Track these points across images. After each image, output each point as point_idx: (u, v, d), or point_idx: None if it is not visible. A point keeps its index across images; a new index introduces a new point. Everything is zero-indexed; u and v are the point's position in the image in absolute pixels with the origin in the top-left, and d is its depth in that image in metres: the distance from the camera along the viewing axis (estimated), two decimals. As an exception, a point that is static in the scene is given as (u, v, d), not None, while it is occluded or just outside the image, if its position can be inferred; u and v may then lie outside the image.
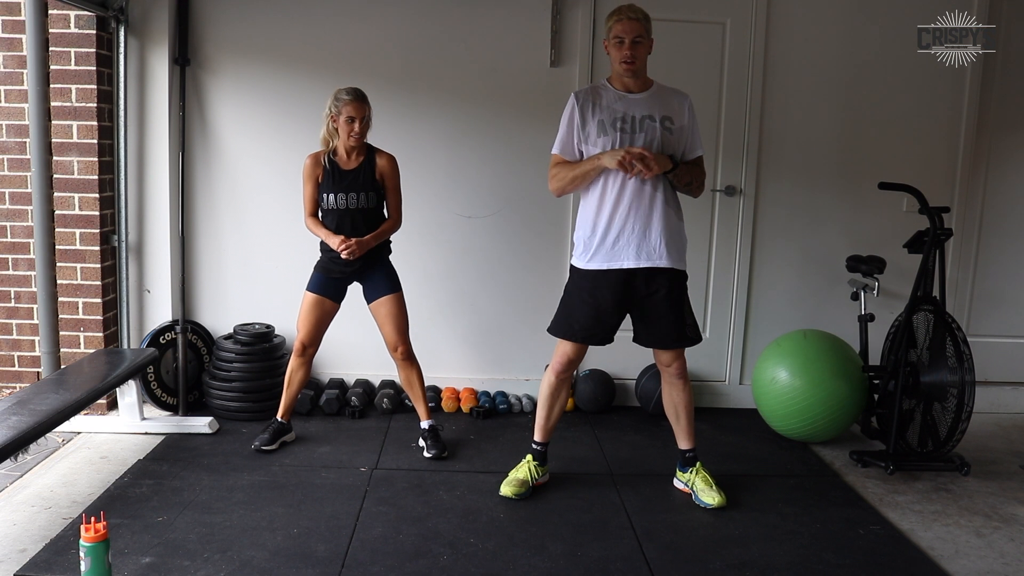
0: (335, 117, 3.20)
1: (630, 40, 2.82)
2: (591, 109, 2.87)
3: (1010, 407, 4.22)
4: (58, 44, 3.55)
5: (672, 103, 2.91)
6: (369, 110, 3.21)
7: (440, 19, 3.87)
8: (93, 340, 3.70)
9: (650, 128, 2.84)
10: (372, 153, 3.29)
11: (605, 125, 2.85)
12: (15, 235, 3.88)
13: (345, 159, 3.26)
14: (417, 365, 3.41)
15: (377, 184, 3.28)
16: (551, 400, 3.04)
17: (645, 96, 2.90)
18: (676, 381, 3.01)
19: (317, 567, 2.45)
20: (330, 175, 3.25)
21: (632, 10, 2.86)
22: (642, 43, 2.85)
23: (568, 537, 2.71)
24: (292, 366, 3.39)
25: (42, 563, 2.43)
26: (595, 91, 2.93)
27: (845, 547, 2.70)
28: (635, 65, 2.85)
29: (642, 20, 2.85)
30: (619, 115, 2.85)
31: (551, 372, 3.00)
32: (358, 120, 3.17)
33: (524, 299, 4.02)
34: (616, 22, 2.86)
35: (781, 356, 3.60)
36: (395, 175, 3.33)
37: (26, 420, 2.56)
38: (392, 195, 3.34)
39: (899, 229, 3.82)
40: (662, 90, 2.94)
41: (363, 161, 3.27)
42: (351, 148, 3.25)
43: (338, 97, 3.19)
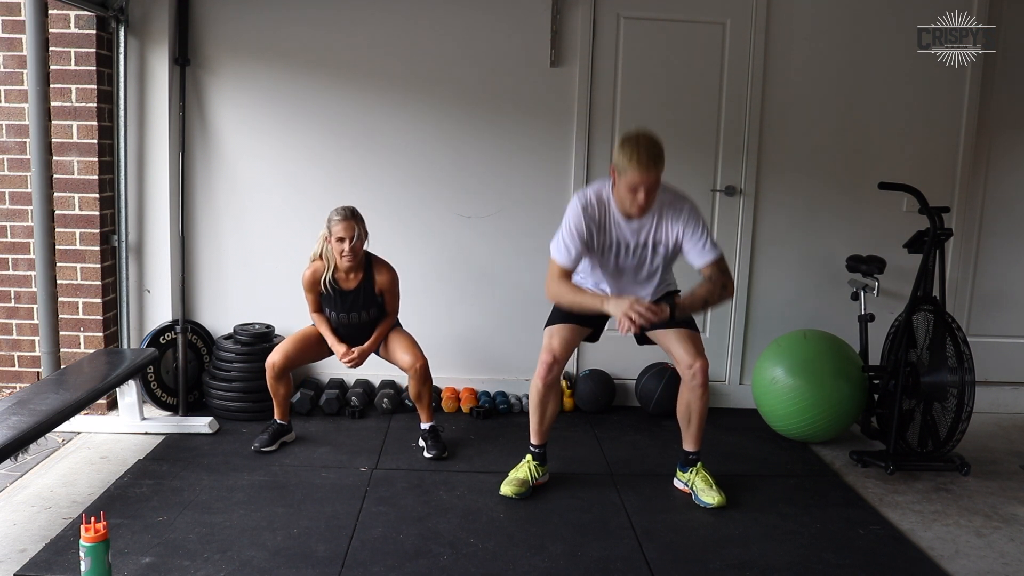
0: (329, 238, 3.21)
1: (646, 190, 2.70)
2: (595, 229, 2.85)
3: (1010, 407, 4.22)
4: (58, 44, 3.55)
5: (670, 223, 2.83)
6: (359, 228, 3.20)
7: (440, 19, 3.87)
8: (93, 340, 3.70)
9: (642, 253, 2.89)
10: (371, 268, 3.30)
11: (605, 247, 2.88)
12: (15, 235, 3.88)
13: (344, 278, 3.28)
14: (431, 381, 3.38)
15: (377, 299, 3.33)
16: (541, 407, 3.03)
17: (644, 222, 2.84)
18: (697, 388, 2.94)
19: (317, 567, 2.45)
20: (331, 296, 3.30)
21: (651, 154, 2.67)
22: (656, 188, 2.74)
23: (568, 537, 2.71)
24: (271, 383, 3.33)
25: (42, 563, 2.43)
26: (600, 205, 2.83)
27: (845, 547, 2.70)
28: (647, 210, 2.79)
29: (660, 166, 2.69)
30: (615, 239, 2.87)
31: (536, 379, 2.98)
32: (348, 240, 3.16)
33: (524, 299, 4.01)
34: (632, 166, 2.66)
35: (781, 356, 3.60)
36: (394, 288, 3.35)
37: (26, 420, 2.56)
38: (391, 300, 3.38)
39: (899, 229, 3.82)
40: (663, 208, 2.82)
41: (362, 279, 3.29)
42: (347, 268, 3.25)
43: (330, 218, 3.20)
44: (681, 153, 3.88)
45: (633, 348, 3.20)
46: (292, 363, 3.34)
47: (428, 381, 3.37)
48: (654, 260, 2.91)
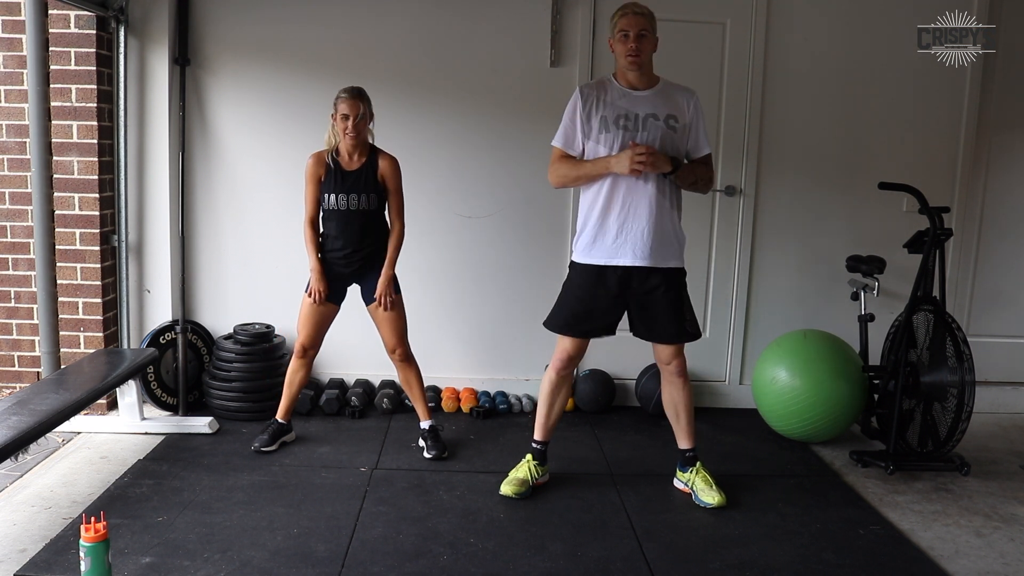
0: (334, 116, 3.21)
1: (635, 33, 2.82)
2: (595, 104, 2.87)
3: (1010, 407, 4.22)
4: (58, 44, 3.55)
5: (678, 100, 2.90)
6: (365, 107, 3.19)
7: (440, 19, 3.87)
8: (93, 340, 3.70)
9: (653, 126, 2.84)
10: (375, 155, 3.28)
11: (608, 122, 2.84)
12: (15, 235, 3.88)
13: (347, 160, 3.25)
14: (415, 366, 3.41)
15: (379, 186, 3.27)
16: (551, 398, 3.04)
17: (650, 93, 2.89)
18: (676, 379, 3.01)
19: (317, 567, 2.45)
20: (332, 175, 3.24)
21: (637, 6, 2.87)
22: (647, 37, 2.85)
23: (568, 537, 2.71)
24: (293, 367, 3.39)
25: (42, 563, 2.43)
26: (600, 86, 2.93)
27: (845, 547, 2.70)
28: (640, 58, 2.84)
29: (647, 16, 2.86)
30: (622, 112, 2.85)
31: (551, 370, 3.01)
32: (352, 117, 3.15)
33: (524, 299, 4.01)
34: (621, 17, 2.86)
35: (781, 356, 3.60)
36: (397, 177, 3.31)
37: (26, 420, 2.56)
38: (394, 197, 3.32)
39: (899, 229, 3.81)
40: (668, 87, 2.93)
41: (365, 162, 3.26)
42: (350, 147, 3.23)
43: (337, 96, 3.20)
44: (681, 153, 3.88)
45: (633, 348, 3.20)
46: (317, 340, 3.35)
47: (413, 366, 3.39)
48: (668, 139, 2.84)
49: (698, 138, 2.93)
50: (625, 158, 2.75)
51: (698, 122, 2.92)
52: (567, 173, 2.90)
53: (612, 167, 2.79)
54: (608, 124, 2.84)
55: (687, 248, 3.00)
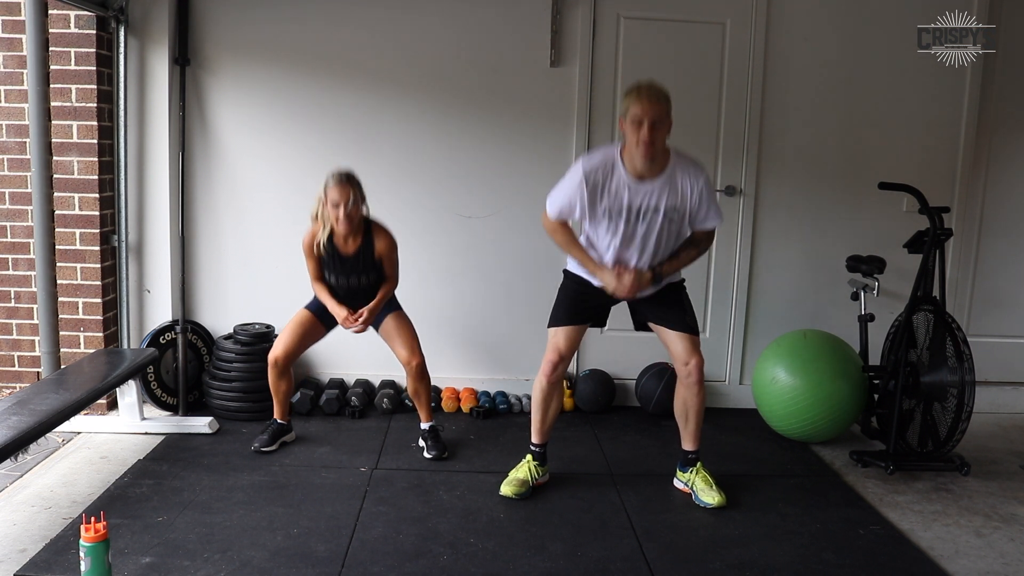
0: (324, 201, 3.17)
1: (650, 123, 2.65)
2: (600, 192, 2.78)
3: (1010, 407, 4.22)
4: (58, 44, 3.55)
5: (683, 188, 2.79)
6: (355, 192, 3.15)
7: (440, 19, 3.87)
8: (93, 340, 3.70)
9: (652, 220, 2.81)
10: (370, 234, 3.26)
11: (611, 212, 2.81)
12: (15, 235, 3.88)
13: (343, 243, 3.24)
14: (428, 378, 3.39)
15: (377, 264, 3.29)
16: (544, 404, 3.04)
17: (656, 184, 2.77)
18: (693, 385, 2.96)
19: (317, 567, 2.45)
20: (329, 259, 3.26)
21: (653, 91, 2.68)
22: (662, 126, 2.68)
23: (568, 537, 2.71)
24: (272, 379, 3.33)
25: (42, 563, 2.43)
26: (606, 169, 2.78)
27: (845, 547, 2.70)
28: (653, 150, 2.69)
29: (664, 102, 2.68)
30: (625, 204, 2.79)
31: (541, 376, 3.00)
32: (343, 205, 3.11)
33: (524, 299, 4.01)
34: (635, 102, 2.67)
35: (781, 356, 3.60)
36: (393, 254, 3.31)
37: (26, 420, 2.56)
38: (390, 267, 3.34)
39: (899, 229, 3.81)
40: (676, 170, 2.79)
41: (361, 245, 3.24)
42: (344, 233, 3.20)
43: (326, 181, 3.16)
44: (681, 153, 3.88)
45: (633, 348, 3.20)
46: (294, 354, 3.32)
47: (425, 378, 3.36)
48: (664, 228, 2.83)
49: (707, 215, 2.84)
50: (612, 281, 2.86)
51: (705, 202, 2.82)
52: (562, 243, 2.95)
53: (596, 276, 2.90)
54: (611, 214, 2.81)
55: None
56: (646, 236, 2.83)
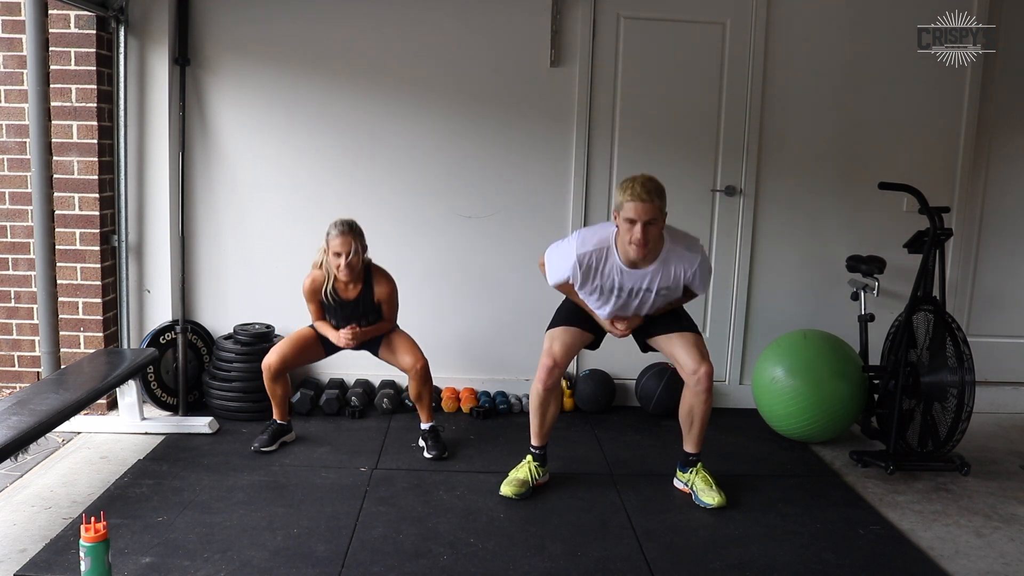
0: (326, 250, 3.22)
1: (643, 224, 2.67)
2: (592, 276, 2.85)
3: (1010, 407, 4.22)
4: (58, 44, 3.55)
5: (676, 273, 2.84)
6: (357, 243, 3.19)
7: (440, 19, 3.87)
8: (93, 340, 3.70)
9: (644, 297, 2.89)
10: (371, 278, 3.30)
11: (602, 289, 2.88)
12: (15, 235, 3.88)
13: (344, 288, 3.28)
14: (431, 381, 3.39)
15: (377, 308, 3.34)
16: (542, 410, 3.03)
17: (649, 271, 2.83)
18: (702, 393, 2.93)
19: (317, 567, 2.45)
20: (331, 306, 3.30)
21: (646, 189, 2.68)
22: (655, 224, 2.70)
23: (568, 537, 2.71)
24: (268, 385, 3.35)
25: (42, 563, 2.43)
26: (600, 255, 2.81)
27: (845, 547, 2.70)
28: (647, 248, 2.73)
29: (657, 200, 2.68)
30: (616, 285, 2.86)
31: (537, 382, 2.99)
32: (345, 255, 3.16)
33: (524, 299, 4.01)
34: (628, 200, 2.68)
35: (781, 356, 3.60)
36: (393, 299, 3.34)
37: (26, 420, 2.56)
38: (389, 311, 3.37)
39: (899, 229, 3.82)
40: (670, 256, 2.82)
41: (362, 290, 3.29)
42: (345, 280, 3.25)
43: (328, 231, 3.20)
44: (681, 153, 3.89)
45: (633, 348, 3.20)
46: (288, 365, 3.34)
47: (428, 381, 3.37)
48: (656, 302, 2.93)
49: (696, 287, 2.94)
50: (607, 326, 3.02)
51: (698, 280, 2.89)
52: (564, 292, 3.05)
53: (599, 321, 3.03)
54: (602, 291, 2.89)
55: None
56: (639, 308, 2.96)
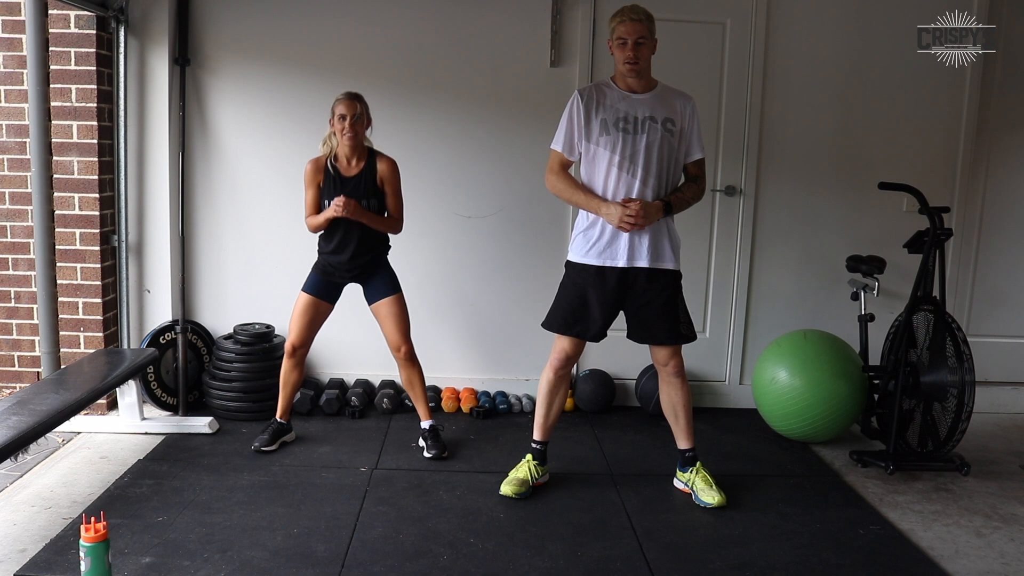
0: (332, 120, 3.22)
1: (633, 41, 2.83)
2: (594, 107, 2.88)
3: (1010, 407, 4.22)
4: (58, 44, 3.55)
5: (675, 105, 2.92)
6: (362, 108, 3.20)
7: (440, 19, 3.87)
8: (93, 340, 3.70)
9: (652, 129, 2.85)
10: (373, 158, 3.28)
11: (608, 124, 2.86)
12: (15, 235, 3.88)
13: (346, 164, 3.26)
14: (419, 365, 3.41)
15: (379, 190, 3.28)
16: (550, 397, 3.04)
17: (648, 97, 2.90)
18: (673, 380, 3.02)
19: (317, 567, 2.45)
20: (331, 181, 3.24)
21: (635, 11, 2.86)
22: (645, 44, 2.85)
23: (568, 537, 2.71)
24: (285, 368, 3.39)
25: (42, 563, 2.43)
26: (599, 89, 2.93)
27: (845, 547, 2.70)
28: (639, 66, 2.86)
29: (645, 21, 2.85)
30: (621, 115, 2.86)
31: (549, 369, 3.02)
32: (348, 116, 3.16)
33: (524, 299, 4.01)
34: (619, 23, 2.85)
35: (781, 356, 3.60)
36: (396, 179, 3.31)
37: (26, 420, 2.56)
38: (393, 199, 3.32)
39: (899, 229, 3.81)
40: (665, 91, 2.95)
41: (364, 167, 3.26)
42: (348, 150, 3.23)
43: (335, 100, 3.20)
44: (681, 153, 3.87)
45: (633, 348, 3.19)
46: (308, 338, 3.34)
47: (417, 366, 3.37)
48: (664, 143, 2.86)
49: (693, 142, 2.95)
50: (615, 213, 2.80)
51: (693, 127, 2.94)
52: (561, 190, 2.95)
53: (602, 214, 2.85)
54: (608, 127, 2.86)
55: (686, 248, 3.01)
56: (648, 152, 2.85)
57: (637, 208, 2.78)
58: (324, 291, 3.33)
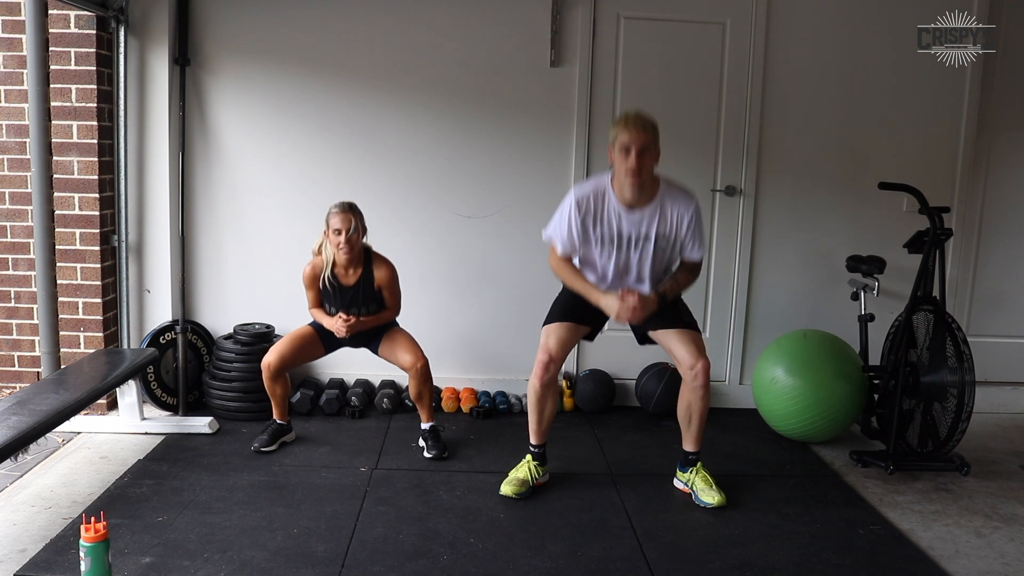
0: (327, 232, 3.23)
1: (637, 150, 2.73)
2: (592, 222, 2.87)
3: (1010, 407, 4.22)
4: (58, 44, 3.55)
5: (671, 218, 2.87)
6: (357, 220, 3.21)
7: (440, 19, 3.87)
8: (93, 340, 3.70)
9: (645, 248, 2.89)
10: (370, 264, 3.30)
11: (604, 240, 2.90)
12: (15, 235, 3.88)
13: (343, 273, 3.29)
14: (432, 381, 3.38)
15: (377, 295, 3.33)
16: (540, 405, 3.04)
17: (646, 213, 2.86)
18: (699, 389, 2.95)
19: (317, 567, 2.45)
20: (331, 292, 3.30)
21: (639, 120, 2.77)
22: (649, 153, 2.76)
23: (568, 537, 2.71)
24: (266, 382, 3.32)
25: (42, 563, 2.43)
26: (597, 199, 2.86)
27: (845, 547, 2.70)
28: (641, 178, 2.77)
29: (650, 130, 2.77)
30: (615, 232, 2.88)
31: (534, 379, 2.99)
32: (344, 232, 3.17)
33: (524, 299, 4.01)
34: (623, 130, 2.76)
35: (781, 356, 3.60)
36: (394, 283, 3.35)
37: (26, 420, 2.56)
38: (391, 299, 3.37)
39: (899, 229, 3.82)
40: (666, 199, 2.86)
41: (362, 275, 3.29)
42: (344, 261, 3.25)
43: (329, 211, 3.22)
44: (681, 153, 3.88)
45: (633, 348, 3.20)
46: (287, 364, 3.32)
47: (429, 381, 3.36)
48: (656, 255, 2.90)
49: (692, 246, 2.92)
50: (614, 307, 2.86)
51: (692, 232, 2.89)
52: (565, 278, 3.01)
53: (601, 306, 2.91)
54: (604, 242, 2.90)
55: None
56: (640, 265, 2.93)
57: (635, 302, 2.84)
58: (328, 334, 3.36)
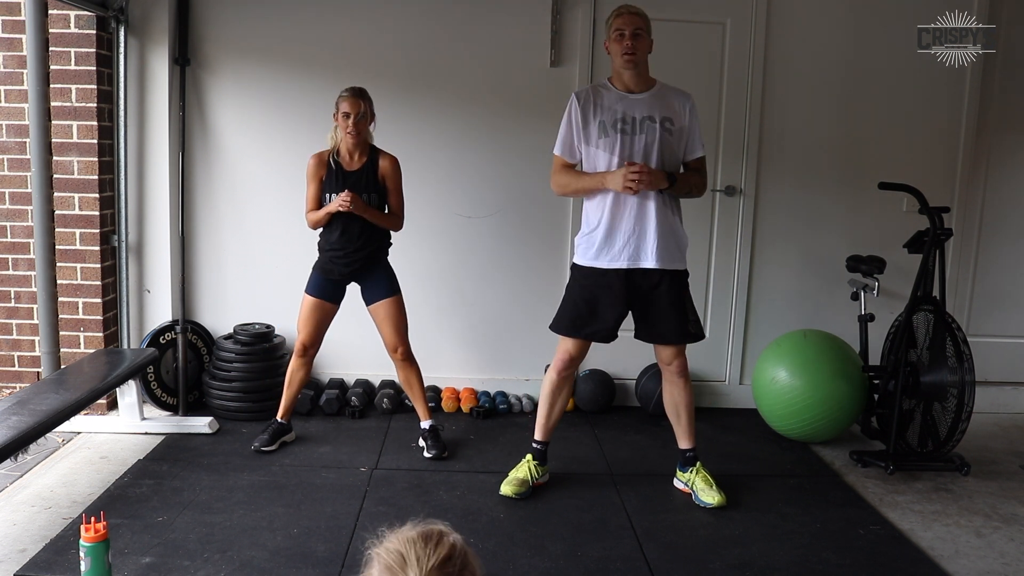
0: (336, 115, 3.23)
1: (630, 32, 2.84)
2: (592, 109, 2.89)
3: (1010, 407, 4.22)
4: (58, 44, 3.55)
5: (673, 104, 2.92)
6: (366, 106, 3.21)
7: (440, 19, 3.87)
8: (93, 340, 3.70)
9: (650, 129, 2.85)
10: (376, 154, 3.30)
11: (606, 126, 2.86)
12: (15, 235, 3.88)
13: (348, 160, 3.27)
14: (416, 366, 3.41)
15: (380, 186, 3.29)
16: (552, 398, 3.04)
17: (646, 96, 2.90)
18: (677, 380, 3.01)
19: (317, 567, 2.45)
20: (333, 175, 3.25)
21: (632, 6, 2.90)
22: (642, 37, 2.87)
23: (568, 537, 2.71)
24: (293, 366, 3.39)
25: (42, 563, 2.43)
26: (596, 91, 2.94)
27: (845, 547, 2.70)
28: (636, 57, 2.85)
29: (642, 16, 2.89)
30: (619, 116, 2.86)
31: (552, 370, 3.01)
32: (352, 115, 3.17)
33: (524, 299, 4.01)
34: (616, 17, 2.89)
35: (781, 356, 3.60)
36: (397, 176, 3.32)
37: (26, 420, 2.56)
38: (394, 196, 3.33)
39: (899, 229, 3.81)
40: (664, 90, 2.95)
41: (366, 162, 3.27)
42: (351, 146, 3.24)
43: (339, 95, 3.22)
44: (681, 153, 3.88)
45: (633, 348, 3.20)
46: (317, 339, 3.35)
47: (414, 366, 3.39)
48: (664, 142, 2.85)
49: (693, 140, 2.95)
50: (619, 176, 2.77)
51: (693, 125, 2.94)
52: (567, 184, 2.96)
53: (607, 183, 2.83)
54: (606, 128, 2.86)
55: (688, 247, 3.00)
56: (647, 152, 2.85)
57: (641, 166, 2.75)
58: (327, 292, 3.33)
